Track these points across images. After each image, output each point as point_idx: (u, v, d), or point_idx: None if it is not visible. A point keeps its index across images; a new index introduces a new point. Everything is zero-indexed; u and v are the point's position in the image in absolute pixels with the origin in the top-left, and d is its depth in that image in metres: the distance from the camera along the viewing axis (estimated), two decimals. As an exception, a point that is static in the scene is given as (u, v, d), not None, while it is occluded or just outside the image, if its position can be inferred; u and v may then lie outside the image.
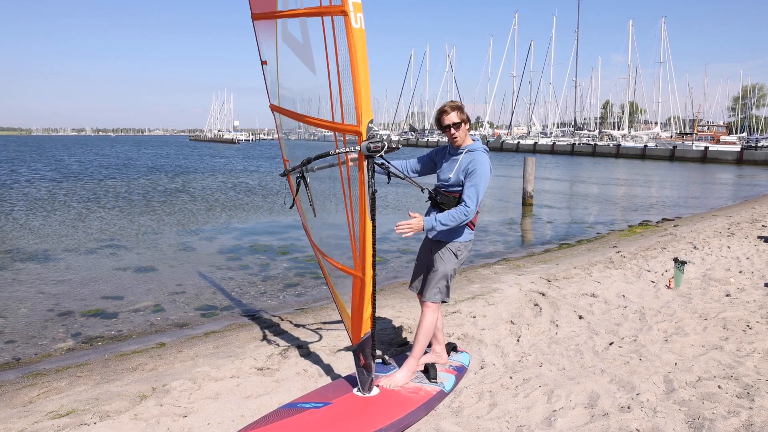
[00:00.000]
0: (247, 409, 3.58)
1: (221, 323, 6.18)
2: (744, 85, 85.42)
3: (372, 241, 3.22)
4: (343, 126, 3.19)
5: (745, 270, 7.26)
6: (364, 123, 3.04)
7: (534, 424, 3.32)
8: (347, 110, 3.14)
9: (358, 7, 2.90)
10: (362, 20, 2.92)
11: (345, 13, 2.88)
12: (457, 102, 3.68)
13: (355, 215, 3.33)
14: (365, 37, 2.95)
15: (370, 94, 3.02)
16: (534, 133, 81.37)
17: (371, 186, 3.17)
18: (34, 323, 6.16)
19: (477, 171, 3.53)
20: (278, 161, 43.87)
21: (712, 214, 14.73)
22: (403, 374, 3.73)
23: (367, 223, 3.18)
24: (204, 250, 10.12)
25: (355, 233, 3.37)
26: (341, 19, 2.92)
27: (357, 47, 2.91)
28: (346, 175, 3.40)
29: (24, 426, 3.39)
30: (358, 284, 3.39)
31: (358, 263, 3.35)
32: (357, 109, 3.02)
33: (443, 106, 3.66)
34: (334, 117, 3.26)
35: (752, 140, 60.28)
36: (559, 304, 5.75)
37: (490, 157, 3.69)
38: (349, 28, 2.89)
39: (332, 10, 2.96)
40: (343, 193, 3.46)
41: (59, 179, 24.51)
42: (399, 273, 8.41)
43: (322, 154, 3.41)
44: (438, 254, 3.73)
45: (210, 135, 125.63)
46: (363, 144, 3.06)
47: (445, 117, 3.59)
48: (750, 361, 4.18)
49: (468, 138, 3.69)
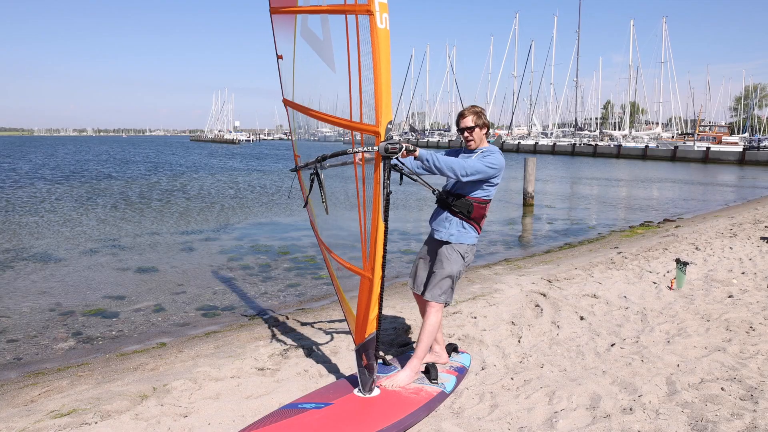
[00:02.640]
0: (247, 409, 3.58)
1: (222, 323, 6.17)
2: (746, 85, 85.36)
3: (383, 243, 3.20)
4: (362, 125, 3.17)
5: (747, 271, 7.24)
6: (383, 123, 3.02)
7: (535, 426, 3.31)
8: (366, 110, 3.12)
9: (384, 8, 2.88)
10: (387, 21, 2.90)
11: (371, 13, 2.86)
12: (478, 108, 3.76)
13: (368, 215, 3.31)
14: (389, 38, 2.93)
15: (390, 95, 3.00)
16: (535, 134, 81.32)
17: (386, 187, 3.16)
18: (35, 323, 6.16)
19: (489, 156, 3.64)
20: (279, 161, 43.92)
21: (714, 215, 14.70)
22: (406, 375, 3.72)
23: (379, 224, 3.16)
24: (205, 250, 10.11)
25: (366, 233, 3.35)
26: (366, 18, 2.90)
27: (381, 48, 2.89)
28: (360, 175, 3.39)
29: (26, 425, 3.39)
30: (367, 284, 3.37)
31: (368, 263, 3.33)
32: (377, 109, 3.00)
33: (463, 109, 3.76)
34: (352, 116, 3.24)
35: (754, 141, 60.16)
36: (561, 305, 5.74)
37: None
38: (374, 28, 2.87)
39: (357, 9, 2.94)
40: (357, 193, 3.45)
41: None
42: (400, 273, 8.40)
43: (338, 152, 3.40)
44: (444, 254, 3.72)
45: (211, 135, 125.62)
46: (381, 144, 3.04)
47: (462, 120, 3.72)
48: (753, 362, 4.17)
49: (484, 142, 3.77)
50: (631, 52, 72.76)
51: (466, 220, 3.69)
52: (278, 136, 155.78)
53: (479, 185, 3.67)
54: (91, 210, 14.85)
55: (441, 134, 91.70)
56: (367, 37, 2.92)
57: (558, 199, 19.68)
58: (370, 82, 2.98)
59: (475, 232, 3.76)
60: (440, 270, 3.72)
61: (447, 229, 3.72)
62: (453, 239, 3.70)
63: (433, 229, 3.83)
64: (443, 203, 3.75)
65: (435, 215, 3.83)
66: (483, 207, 3.72)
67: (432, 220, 3.85)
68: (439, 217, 3.79)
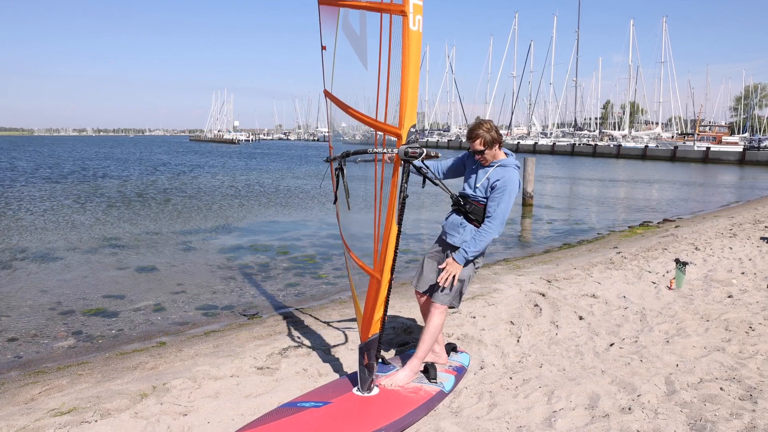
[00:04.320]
0: (246, 408, 3.58)
1: (221, 322, 6.18)
2: (746, 85, 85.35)
3: (395, 245, 3.19)
4: (385, 126, 3.16)
5: (747, 271, 7.25)
6: (406, 126, 3.00)
7: (534, 425, 3.31)
8: (391, 111, 3.11)
9: (419, 10, 2.86)
10: (420, 23, 2.88)
11: (404, 14, 2.85)
12: (486, 125, 3.58)
13: (383, 216, 3.31)
14: (421, 41, 2.92)
15: (417, 98, 2.98)
16: (534, 134, 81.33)
17: (403, 191, 3.14)
18: (35, 322, 6.16)
19: (506, 189, 3.53)
20: (280, 161, 43.96)
21: (713, 215, 14.71)
22: (405, 374, 3.72)
23: (392, 227, 3.15)
24: (204, 249, 10.12)
25: (379, 234, 3.35)
26: (399, 19, 2.89)
27: (411, 49, 2.88)
28: (380, 175, 3.38)
29: (26, 423, 3.39)
30: (375, 285, 3.38)
31: (378, 264, 3.33)
32: (401, 111, 2.99)
33: (472, 129, 3.60)
34: (378, 115, 3.23)
35: (755, 141, 60.17)
36: (560, 305, 5.74)
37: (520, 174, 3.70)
38: (406, 29, 2.86)
39: (392, 9, 2.93)
40: (374, 193, 3.45)
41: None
42: (399, 273, 8.40)
43: (359, 151, 3.40)
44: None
45: (210, 135, 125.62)
46: (401, 147, 3.03)
47: (471, 143, 3.62)
48: (752, 363, 4.17)
49: (501, 153, 3.67)
50: (631, 52, 72.86)
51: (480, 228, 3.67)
52: (277, 136, 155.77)
53: None
54: (91, 209, 14.86)
55: (440, 134, 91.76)
56: (399, 37, 2.91)
57: (557, 199, 19.69)
58: (398, 84, 2.97)
59: None
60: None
61: (461, 235, 3.68)
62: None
63: (446, 232, 3.79)
64: (459, 209, 3.72)
65: (449, 219, 3.79)
66: None
67: (445, 223, 3.82)
68: (453, 221, 3.75)
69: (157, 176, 26.54)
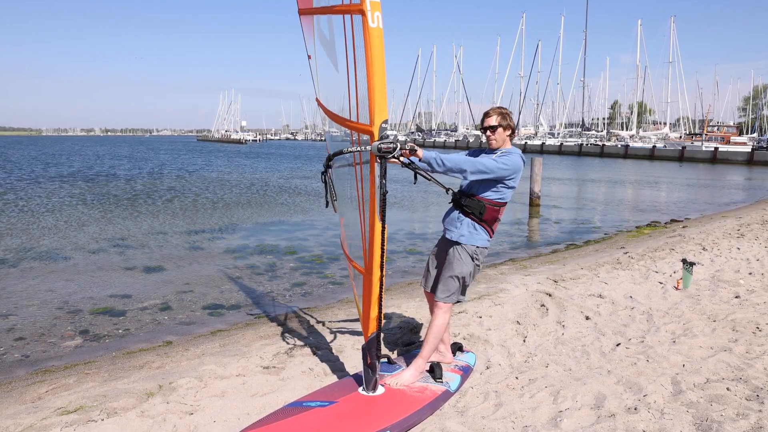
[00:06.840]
0: (252, 407, 3.59)
1: (228, 322, 6.20)
2: (755, 85, 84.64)
3: (381, 242, 3.20)
4: (357, 124, 3.19)
5: (755, 272, 7.20)
6: (377, 123, 3.02)
7: (540, 425, 3.31)
8: (362, 109, 3.13)
9: (376, 6, 2.89)
10: (380, 19, 2.91)
11: (363, 12, 2.88)
12: (505, 109, 3.71)
13: (366, 215, 3.33)
14: (383, 37, 2.94)
15: (385, 94, 3.00)
16: (541, 134, 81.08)
17: (382, 187, 3.15)
18: (42, 321, 6.21)
19: (505, 155, 3.58)
20: (282, 161, 44.06)
21: (721, 215, 14.61)
22: (411, 373, 3.72)
23: (376, 224, 3.17)
24: (211, 249, 10.16)
25: (365, 232, 3.37)
26: (359, 18, 2.92)
27: (373, 46, 2.90)
28: (359, 174, 3.40)
29: (33, 421, 3.42)
30: (367, 283, 3.39)
31: (367, 263, 3.35)
32: (370, 108, 3.01)
33: (489, 109, 3.74)
34: (351, 115, 3.27)
35: (763, 141, 59.62)
36: (566, 305, 5.72)
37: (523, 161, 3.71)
38: (366, 27, 2.89)
39: (352, 9, 2.97)
40: (357, 192, 3.46)
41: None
42: (405, 272, 8.40)
43: (336, 152, 3.42)
44: (454, 255, 3.70)
45: (218, 135, 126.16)
46: (374, 144, 3.04)
47: (486, 119, 3.67)
48: (759, 363, 4.14)
49: (507, 143, 3.71)
50: (639, 52, 72.46)
51: (477, 222, 3.64)
52: (285, 136, 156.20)
53: (492, 185, 3.60)
54: (97, 209, 14.94)
55: (448, 134, 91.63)
56: (361, 36, 2.94)
57: (564, 200, 19.62)
58: (365, 81, 3.00)
59: (487, 234, 3.70)
60: (448, 270, 3.70)
61: (458, 230, 3.67)
62: (463, 240, 3.67)
63: (444, 228, 3.80)
64: (456, 203, 3.72)
65: (447, 214, 3.80)
66: (496, 210, 3.66)
67: (444, 219, 3.82)
68: (451, 216, 3.75)
69: (164, 176, 26.66)
